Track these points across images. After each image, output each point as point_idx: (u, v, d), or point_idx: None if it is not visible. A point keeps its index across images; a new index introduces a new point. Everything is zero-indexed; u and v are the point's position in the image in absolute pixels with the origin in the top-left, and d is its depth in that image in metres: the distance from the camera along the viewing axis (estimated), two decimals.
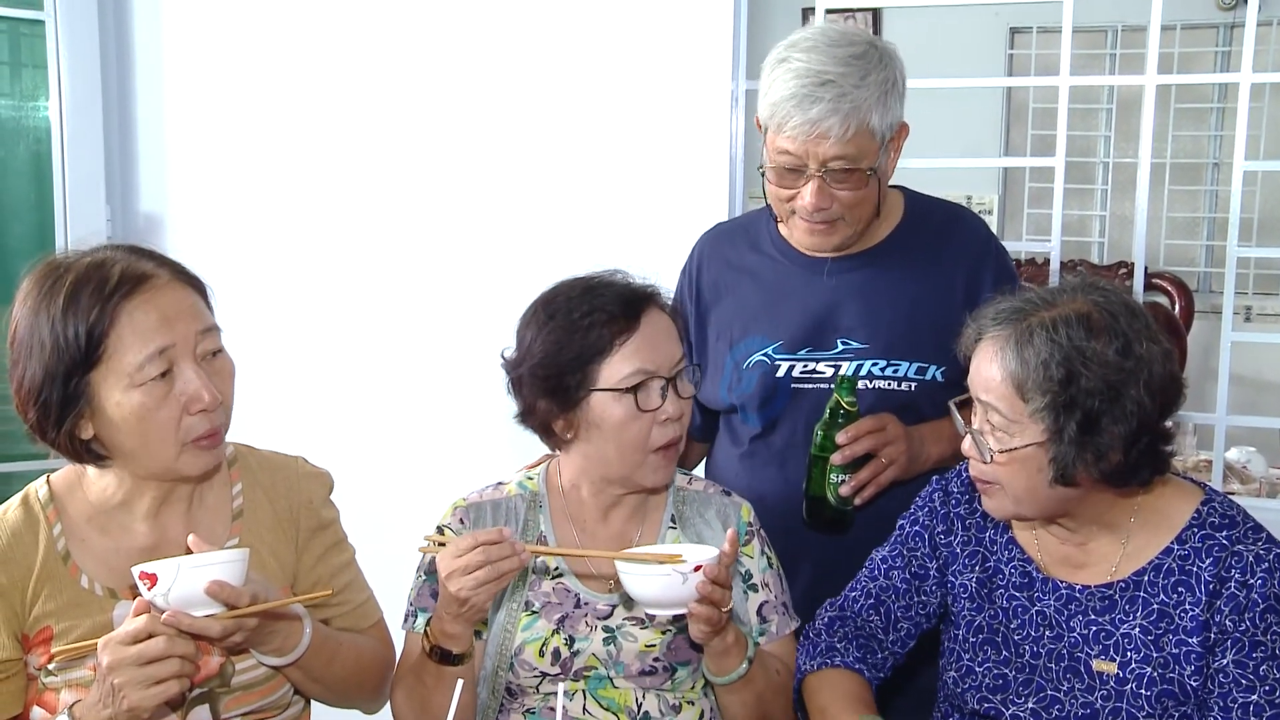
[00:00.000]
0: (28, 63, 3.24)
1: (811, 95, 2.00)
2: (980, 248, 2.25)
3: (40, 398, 1.62)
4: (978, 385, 1.72)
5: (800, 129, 2.01)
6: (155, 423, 1.63)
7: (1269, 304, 5.70)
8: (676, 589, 1.69)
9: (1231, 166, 2.77)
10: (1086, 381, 1.62)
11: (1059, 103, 2.83)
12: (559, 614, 1.91)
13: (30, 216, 3.21)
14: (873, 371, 2.18)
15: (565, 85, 2.97)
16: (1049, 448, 1.66)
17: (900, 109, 2.09)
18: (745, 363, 2.24)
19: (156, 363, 1.62)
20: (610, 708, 1.89)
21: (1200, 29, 5.73)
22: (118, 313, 1.60)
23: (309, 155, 3.13)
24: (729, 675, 1.84)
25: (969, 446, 1.77)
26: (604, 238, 2.92)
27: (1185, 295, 4.02)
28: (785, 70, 2.04)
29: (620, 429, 1.86)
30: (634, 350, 1.85)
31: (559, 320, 1.87)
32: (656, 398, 1.86)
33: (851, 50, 2.03)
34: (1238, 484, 3.67)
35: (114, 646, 1.52)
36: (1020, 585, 1.83)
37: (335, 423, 3.09)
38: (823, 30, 2.09)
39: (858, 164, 2.04)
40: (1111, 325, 1.65)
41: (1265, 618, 1.67)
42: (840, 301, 2.20)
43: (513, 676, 1.90)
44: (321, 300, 3.15)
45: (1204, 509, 1.76)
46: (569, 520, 1.98)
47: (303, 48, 3.11)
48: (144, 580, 1.56)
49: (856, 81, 2.00)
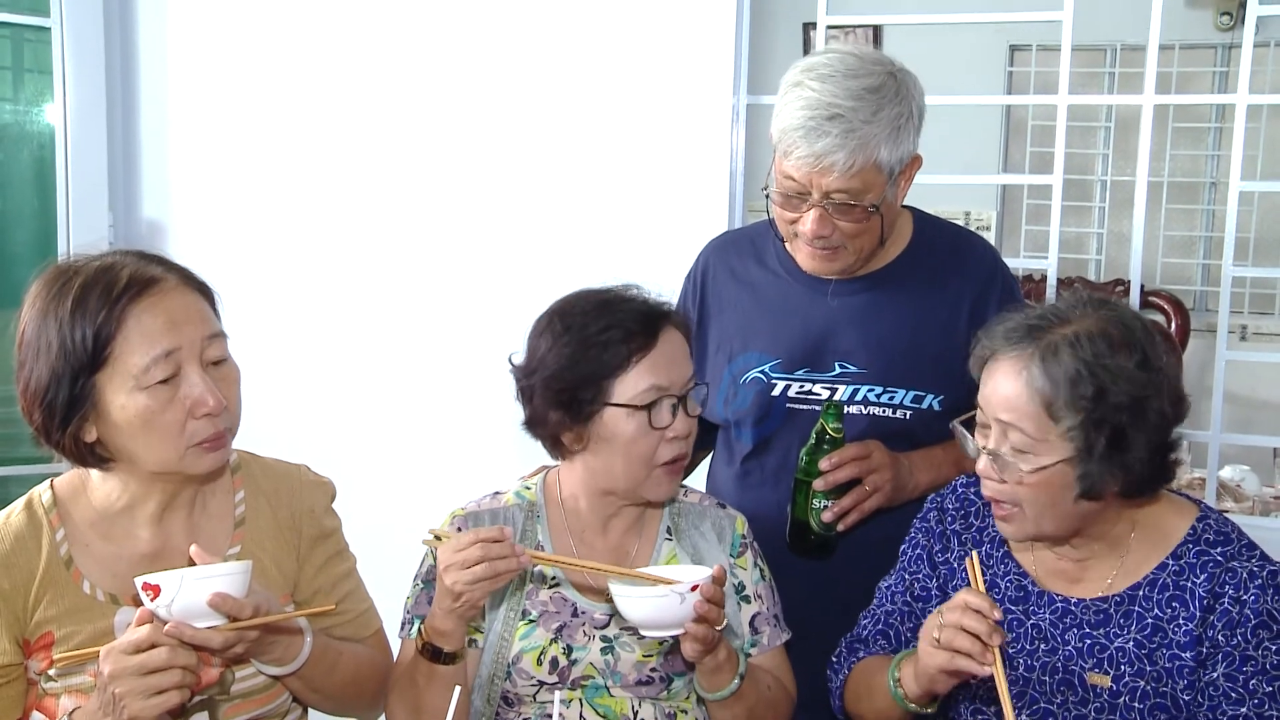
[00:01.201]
0: (33, 68, 3.25)
1: (819, 129, 1.97)
2: (988, 276, 2.22)
3: (46, 399, 1.62)
4: (996, 405, 1.70)
5: (804, 160, 2.00)
6: (159, 426, 1.63)
7: (1264, 323, 5.73)
8: (674, 610, 1.69)
9: (1228, 186, 2.78)
10: (1114, 396, 1.63)
11: (1057, 120, 2.84)
12: (557, 623, 1.91)
13: (33, 222, 3.21)
14: (868, 397, 2.17)
15: (568, 98, 2.98)
16: (1077, 464, 1.66)
17: (913, 142, 2.06)
18: (742, 378, 2.24)
19: (162, 366, 1.62)
20: (607, 715, 1.90)
21: (1198, 49, 5.76)
22: (125, 316, 1.61)
23: (313, 162, 3.14)
24: (721, 691, 1.84)
25: (985, 467, 1.73)
26: (606, 249, 2.93)
27: (1181, 313, 4.03)
28: (797, 97, 2.02)
29: (630, 444, 1.87)
30: (650, 368, 1.86)
31: (575, 334, 1.87)
32: (667, 415, 1.87)
33: (867, 82, 2.00)
34: (1231, 502, 3.69)
35: (116, 655, 1.53)
36: (1016, 599, 1.84)
37: (337, 430, 3.10)
38: (841, 57, 2.05)
39: (861, 199, 2.02)
40: (1130, 339, 1.67)
41: (1257, 633, 1.68)
42: (841, 323, 2.19)
43: (510, 685, 1.90)
44: (324, 307, 3.16)
45: (1199, 525, 1.77)
46: (566, 531, 1.98)
47: (307, 55, 3.12)
48: (147, 591, 1.57)
49: (867, 116, 1.98)
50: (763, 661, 1.98)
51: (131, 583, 1.60)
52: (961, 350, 2.11)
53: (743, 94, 2.94)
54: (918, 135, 2.07)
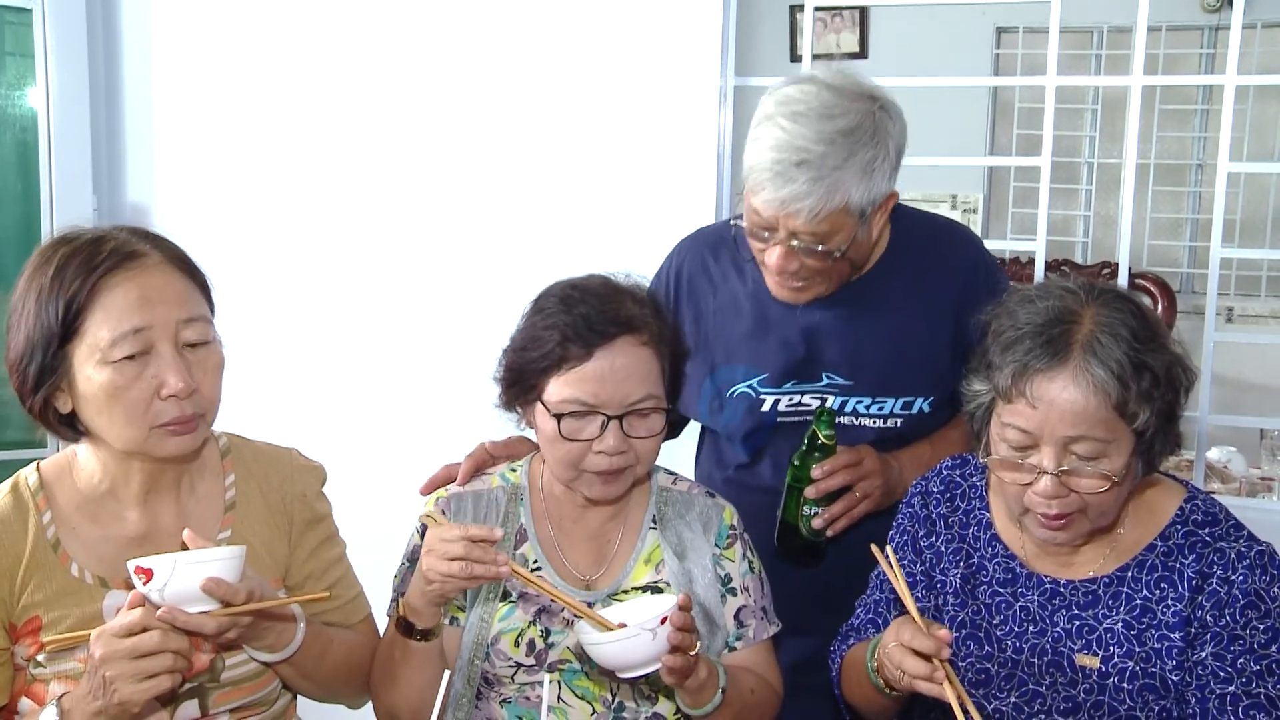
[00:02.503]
0: (14, 51, 3.23)
1: (785, 173, 1.91)
2: (970, 267, 2.18)
3: (22, 365, 1.63)
4: (1058, 423, 1.63)
5: (770, 203, 1.94)
6: (124, 402, 1.62)
7: (1251, 305, 5.74)
8: (646, 647, 1.64)
9: (1215, 168, 2.78)
10: (1161, 374, 1.64)
11: (1046, 102, 2.84)
12: (537, 606, 1.90)
13: (16, 206, 3.19)
14: (857, 409, 2.16)
15: (554, 81, 2.97)
16: (1139, 450, 1.66)
17: (888, 182, 1.99)
18: (729, 392, 2.20)
19: (130, 342, 1.61)
20: (585, 697, 1.89)
21: (1185, 31, 5.76)
22: (98, 288, 1.61)
23: (298, 145, 3.12)
24: (704, 708, 1.80)
25: (1052, 487, 1.65)
26: (593, 233, 2.92)
27: (1168, 296, 4.02)
28: (767, 134, 1.95)
29: (550, 444, 1.85)
30: (578, 380, 1.80)
31: (538, 318, 1.87)
32: (595, 429, 1.82)
33: (841, 124, 1.93)
34: (1218, 483, 3.70)
35: (107, 639, 1.52)
36: (1004, 581, 1.84)
37: (324, 415, 3.09)
38: (819, 91, 1.96)
39: (828, 241, 1.96)
40: (1139, 312, 1.68)
41: (1245, 613, 1.68)
42: (824, 335, 2.15)
43: (489, 666, 1.89)
44: (310, 290, 3.15)
45: (1187, 506, 1.78)
46: (546, 518, 1.97)
47: (291, 38, 3.10)
48: (139, 575, 1.56)
49: (837, 162, 1.91)
50: (746, 658, 1.93)
51: (121, 566, 1.60)
52: (949, 349, 2.11)
53: (730, 75, 2.93)
54: (895, 172, 2.00)
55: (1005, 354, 1.68)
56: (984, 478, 1.92)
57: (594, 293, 1.86)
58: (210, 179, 3.19)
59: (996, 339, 1.71)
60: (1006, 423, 1.68)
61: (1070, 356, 1.63)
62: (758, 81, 3.02)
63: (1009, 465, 1.70)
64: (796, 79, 2.03)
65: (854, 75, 2.03)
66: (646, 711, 1.90)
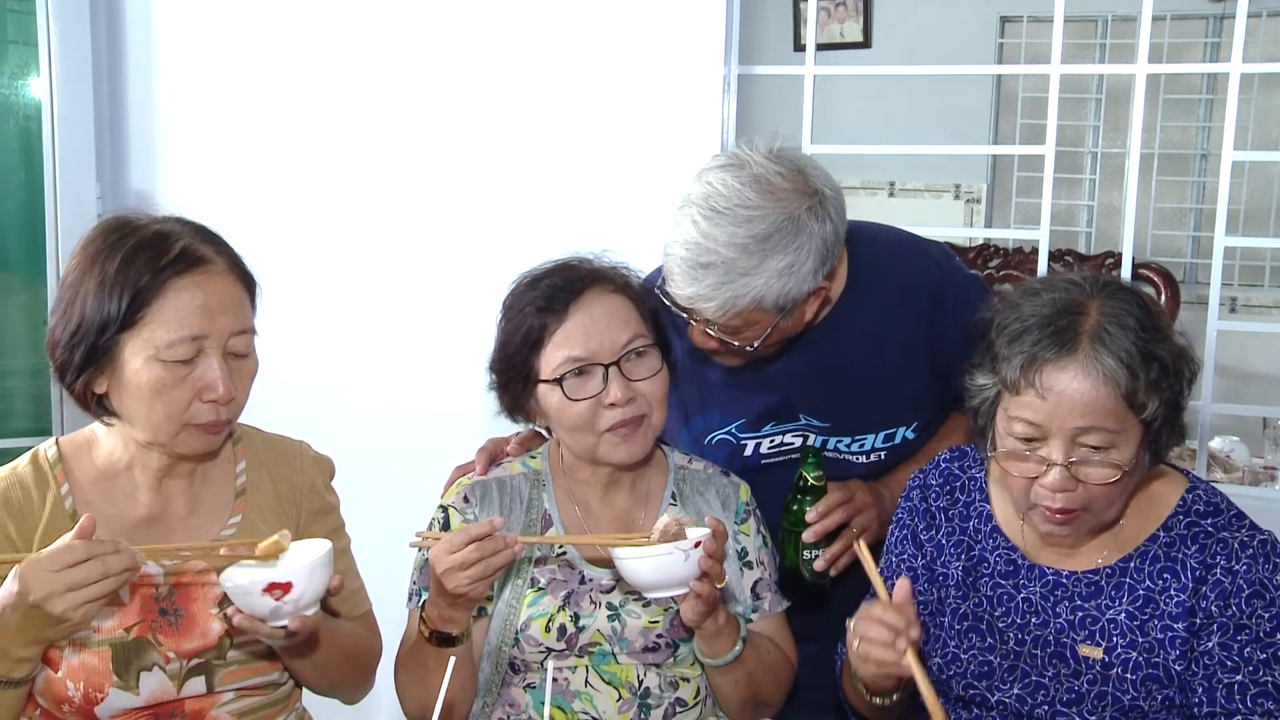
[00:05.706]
0: (17, 40, 3.22)
1: (691, 273, 1.85)
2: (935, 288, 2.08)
3: (71, 342, 1.65)
4: (1067, 414, 1.63)
5: (680, 296, 1.89)
6: (166, 400, 1.66)
7: (1254, 295, 5.73)
8: (678, 568, 1.70)
9: (1220, 158, 2.78)
10: (1168, 363, 1.64)
11: (1049, 91, 2.83)
12: (565, 590, 1.92)
13: (20, 194, 3.19)
14: (839, 447, 2.14)
15: (557, 71, 2.96)
16: (1146, 441, 1.66)
17: (814, 279, 1.89)
18: (707, 439, 2.19)
19: (186, 346, 1.65)
20: (612, 682, 1.91)
21: (1190, 20, 5.74)
22: (166, 287, 1.64)
23: (302, 133, 3.12)
24: (723, 657, 1.86)
25: (1061, 480, 1.65)
26: (595, 224, 2.91)
27: (1171, 285, 4.03)
28: (682, 226, 1.88)
29: (560, 415, 1.88)
30: (565, 339, 1.86)
31: (511, 313, 1.92)
32: (597, 384, 1.85)
33: (757, 229, 1.83)
34: (1221, 473, 3.70)
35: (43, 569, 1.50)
36: (1006, 573, 1.84)
37: (329, 408, 3.08)
38: (740, 190, 1.85)
39: (739, 335, 1.92)
40: (1142, 302, 1.68)
41: (1251, 602, 1.69)
42: (794, 380, 2.10)
43: (517, 652, 1.91)
44: (313, 280, 3.14)
45: (1189, 496, 1.78)
46: (572, 501, 1.99)
47: (294, 26, 3.09)
48: (273, 591, 1.58)
49: (748, 268, 1.83)
50: (764, 628, 2.00)
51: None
52: (926, 373, 2.08)
53: (734, 64, 2.93)
54: (824, 268, 1.90)
55: (1012, 345, 1.68)
56: (983, 470, 1.92)
57: (553, 268, 1.93)
58: (213, 166, 3.18)
59: (1001, 332, 1.71)
60: (1014, 415, 1.68)
61: (1079, 346, 1.63)
62: (762, 70, 3.02)
63: (1016, 458, 1.70)
64: (728, 163, 1.91)
65: (794, 162, 1.91)
66: (670, 696, 1.93)
